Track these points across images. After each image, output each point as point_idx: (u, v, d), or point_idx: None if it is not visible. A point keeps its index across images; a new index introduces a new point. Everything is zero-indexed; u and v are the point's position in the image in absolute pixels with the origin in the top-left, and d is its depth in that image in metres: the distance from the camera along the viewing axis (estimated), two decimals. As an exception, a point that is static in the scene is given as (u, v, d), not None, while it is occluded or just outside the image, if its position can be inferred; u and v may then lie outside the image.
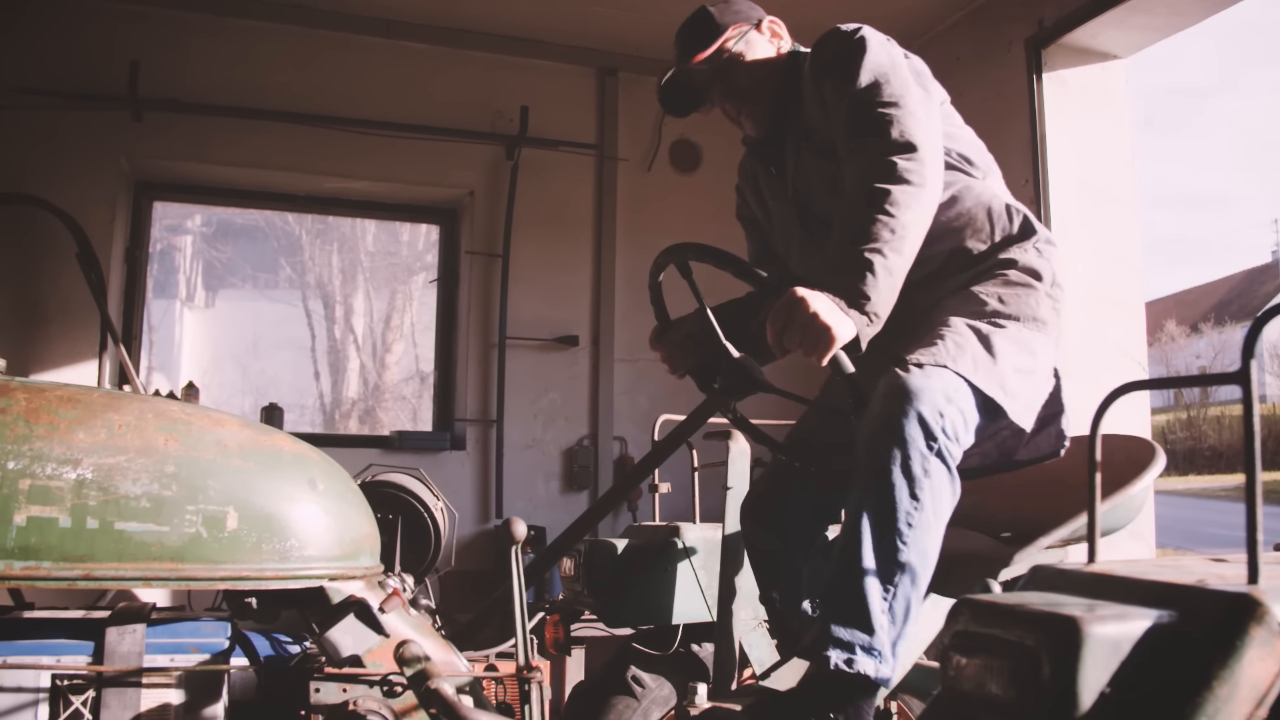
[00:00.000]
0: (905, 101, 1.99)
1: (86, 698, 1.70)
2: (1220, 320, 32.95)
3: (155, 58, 4.54)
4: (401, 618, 1.81)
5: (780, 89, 2.28)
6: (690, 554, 2.82)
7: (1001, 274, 2.10)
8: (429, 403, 5.62)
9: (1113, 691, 1.21)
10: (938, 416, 1.80)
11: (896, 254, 1.86)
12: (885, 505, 1.80)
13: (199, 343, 11.12)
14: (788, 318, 1.80)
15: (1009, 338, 2.00)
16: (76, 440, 1.61)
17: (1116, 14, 4.10)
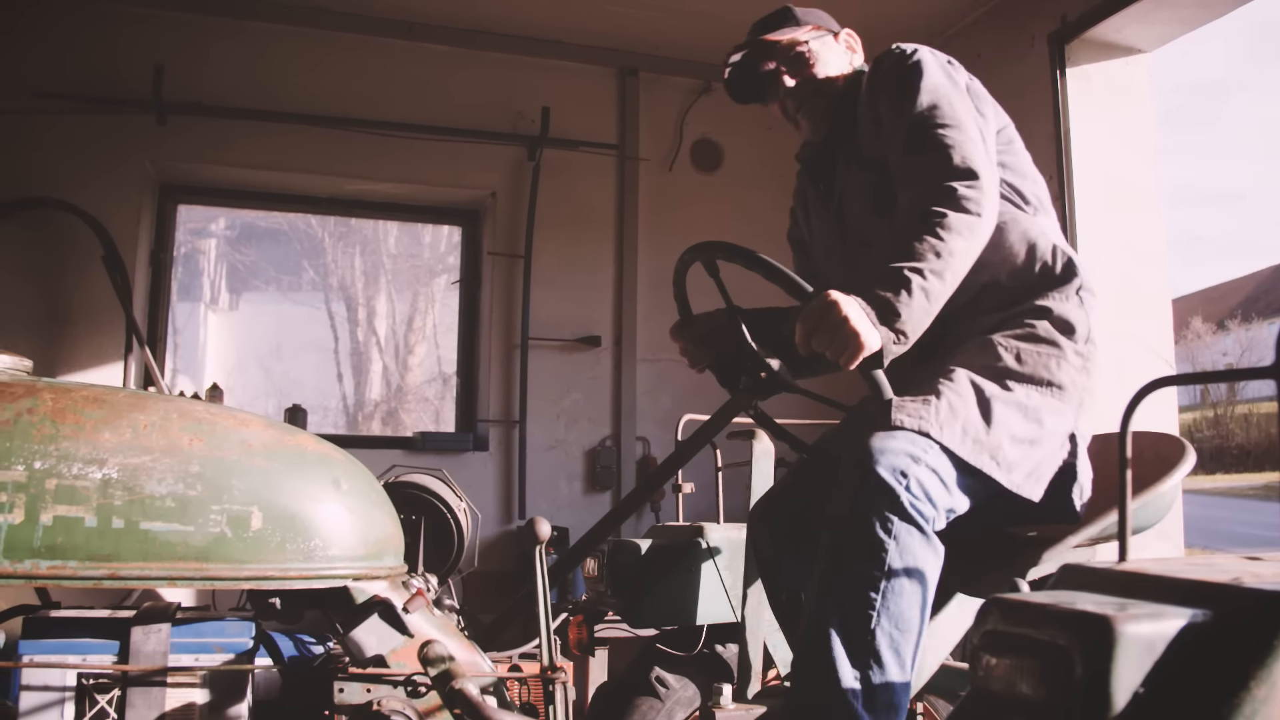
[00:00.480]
0: (965, 126, 1.96)
1: (112, 696, 1.71)
2: (1247, 317, 32.56)
3: (178, 61, 4.56)
4: (425, 618, 1.80)
5: (840, 102, 2.26)
6: (714, 554, 2.81)
7: (1029, 325, 2.02)
8: (451, 404, 5.63)
9: (1146, 692, 1.19)
10: (899, 477, 1.74)
11: (938, 278, 1.83)
12: (849, 577, 1.75)
13: (223, 345, 11.21)
14: (819, 320, 1.77)
15: (1013, 403, 1.92)
16: (102, 440, 1.61)
17: (1141, 7, 4.05)
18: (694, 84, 5.46)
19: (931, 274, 1.82)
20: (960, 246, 1.85)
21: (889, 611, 1.71)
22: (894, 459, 1.75)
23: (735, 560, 2.76)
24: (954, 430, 1.82)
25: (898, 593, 1.72)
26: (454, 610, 2.00)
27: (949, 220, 1.85)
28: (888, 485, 1.73)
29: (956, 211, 1.86)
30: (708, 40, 5.19)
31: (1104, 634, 1.20)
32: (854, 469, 1.78)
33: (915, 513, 1.74)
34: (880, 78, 2.12)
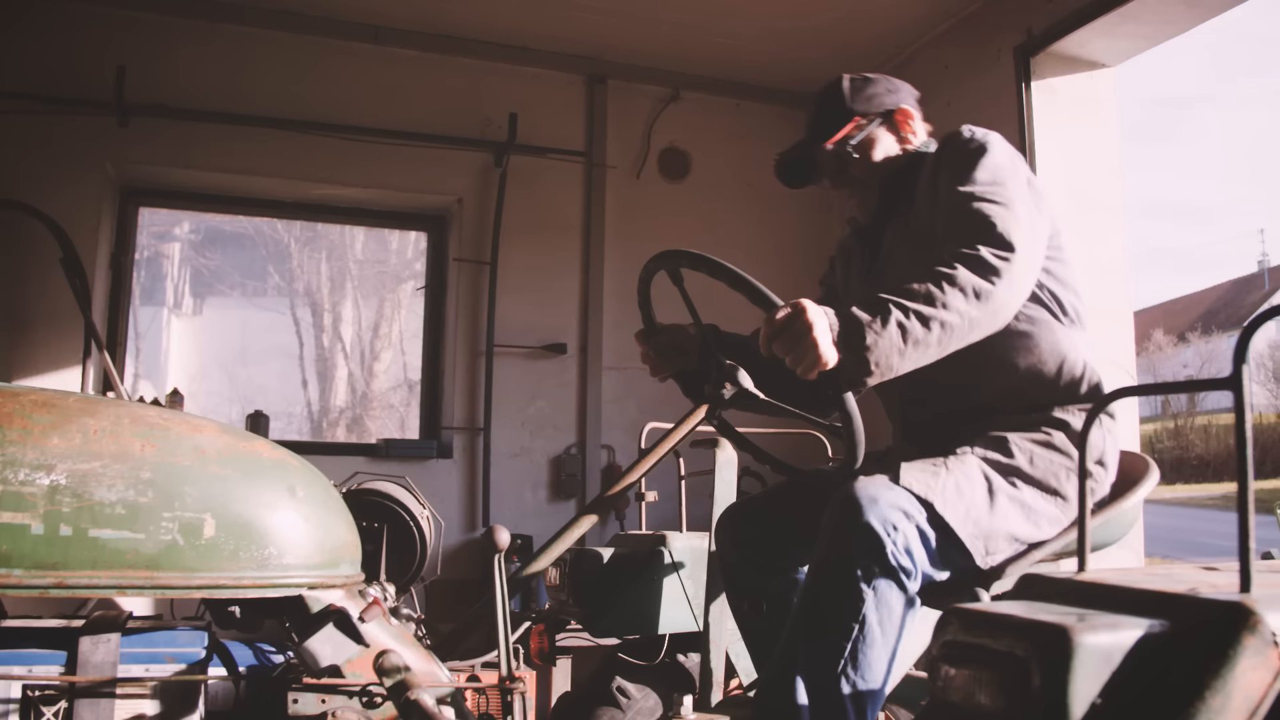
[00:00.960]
0: (1015, 207, 1.93)
1: (59, 708, 1.67)
2: (1207, 330, 33.08)
3: (141, 63, 4.49)
4: (382, 627, 1.78)
5: (894, 180, 2.26)
6: (677, 563, 2.80)
7: (1046, 433, 2.00)
8: (417, 411, 5.58)
9: (1104, 701, 1.20)
10: (889, 529, 1.73)
11: (921, 323, 1.77)
12: (824, 622, 1.75)
13: (186, 350, 11.08)
14: (785, 325, 1.76)
15: (1019, 502, 1.92)
16: (50, 445, 1.58)
17: (1106, 22, 4.09)
18: (662, 92, 5.47)
19: (916, 316, 1.77)
20: (960, 306, 1.80)
21: (856, 661, 1.71)
22: (885, 511, 1.75)
23: (698, 569, 2.75)
24: (958, 509, 1.82)
25: (869, 643, 1.72)
26: (411, 619, 1.97)
27: (959, 277, 1.81)
28: (875, 535, 1.73)
29: (973, 273, 1.82)
30: (677, 48, 5.21)
31: (1062, 644, 1.21)
32: (842, 513, 1.77)
33: (898, 567, 1.74)
34: (946, 156, 2.10)
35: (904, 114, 2.28)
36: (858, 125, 2.24)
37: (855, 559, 1.73)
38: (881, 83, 2.30)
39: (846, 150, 2.24)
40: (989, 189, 1.95)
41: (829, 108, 2.28)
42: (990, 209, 1.91)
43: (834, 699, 1.72)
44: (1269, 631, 1.18)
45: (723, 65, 5.41)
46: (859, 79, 2.30)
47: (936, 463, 1.90)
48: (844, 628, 1.73)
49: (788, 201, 5.69)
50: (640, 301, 2.33)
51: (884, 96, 2.28)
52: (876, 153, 2.26)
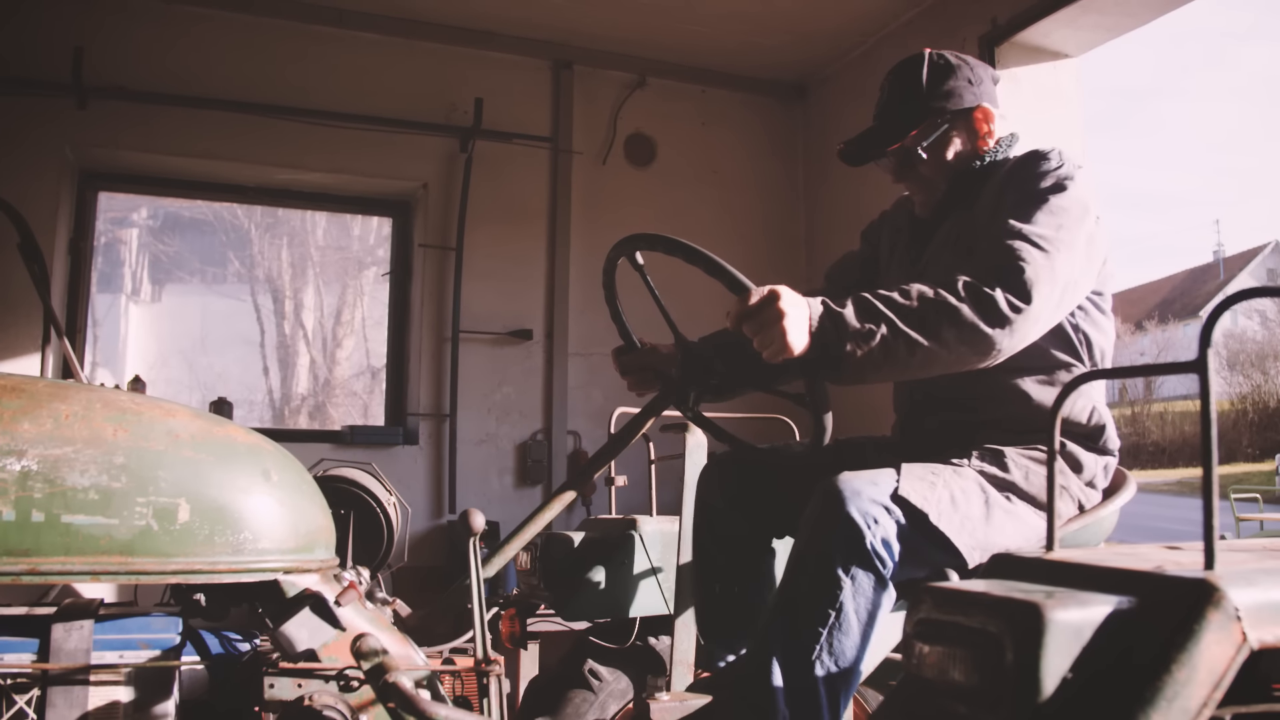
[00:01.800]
0: (1057, 257, 1.82)
1: (31, 697, 1.66)
2: (1164, 318, 33.66)
3: (100, 44, 4.42)
4: (358, 611, 1.78)
5: (960, 181, 2.15)
6: (647, 547, 2.81)
7: (1042, 450, 1.97)
8: (380, 398, 5.56)
9: (1074, 676, 1.22)
10: (869, 521, 1.74)
11: (905, 344, 1.74)
12: (801, 609, 1.76)
13: (145, 337, 10.92)
14: (759, 308, 1.74)
15: (1013, 515, 1.92)
16: (21, 431, 1.56)
17: (1068, 13, 4.15)
18: (628, 78, 5.46)
19: (904, 340, 1.74)
20: (952, 342, 1.75)
21: (832, 648, 1.73)
22: (866, 504, 1.75)
23: (668, 553, 2.77)
24: (953, 520, 1.82)
25: (845, 631, 1.74)
26: (386, 604, 1.97)
27: (963, 315, 1.75)
28: (855, 526, 1.74)
29: (977, 314, 1.76)
30: (643, 34, 5.20)
31: (1033, 621, 1.23)
32: (824, 503, 1.78)
33: (876, 559, 1.75)
34: (1021, 176, 2.00)
35: (984, 113, 2.14)
36: (931, 124, 2.11)
37: (835, 549, 1.74)
38: (964, 71, 2.14)
39: (916, 151, 2.11)
40: (1041, 232, 1.84)
41: (904, 96, 2.14)
42: (1029, 252, 1.81)
43: (809, 684, 1.74)
44: (1232, 607, 1.21)
45: (688, 51, 5.42)
46: (941, 64, 2.14)
47: (935, 471, 1.88)
48: (821, 615, 1.74)
49: (753, 188, 5.74)
50: (611, 313, 2.30)
51: (964, 92, 2.13)
52: (947, 153, 2.14)
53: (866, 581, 1.75)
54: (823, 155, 5.70)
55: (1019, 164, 2.05)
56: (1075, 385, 1.65)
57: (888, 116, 2.17)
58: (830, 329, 1.75)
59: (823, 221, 5.65)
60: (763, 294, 1.75)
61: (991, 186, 2.07)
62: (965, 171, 2.14)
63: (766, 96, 5.78)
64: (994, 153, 2.16)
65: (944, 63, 2.14)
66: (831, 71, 5.57)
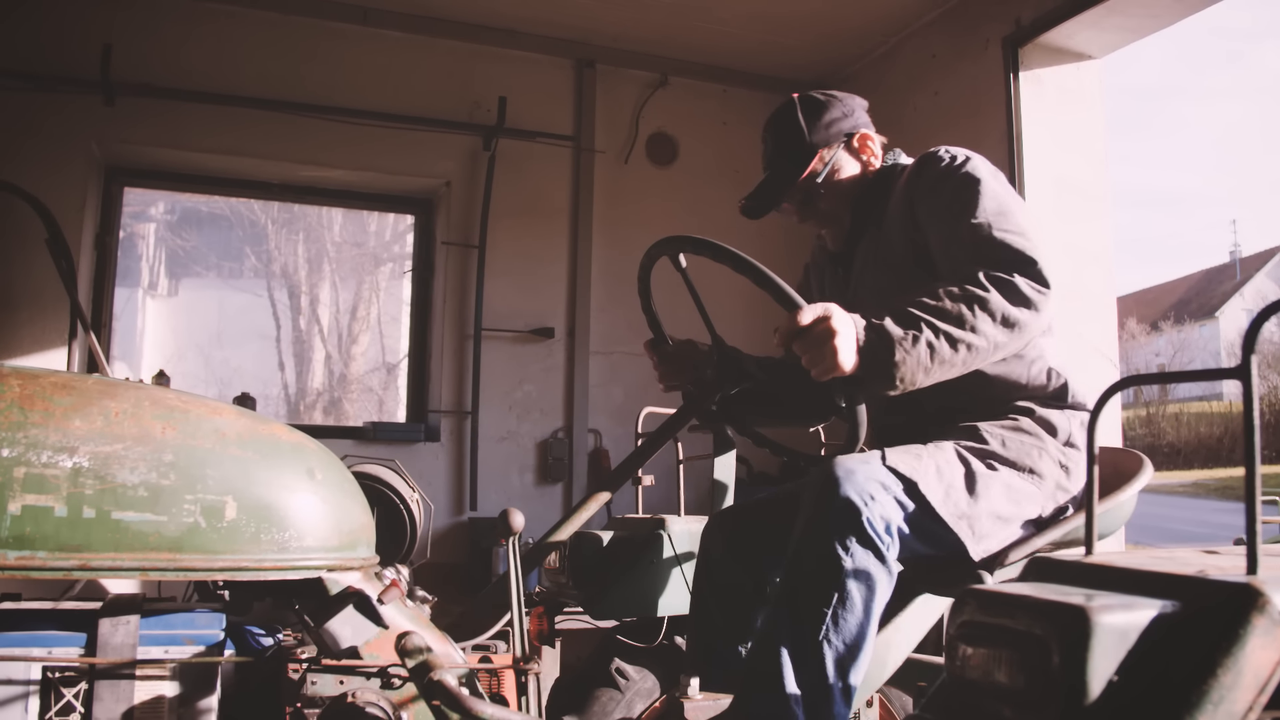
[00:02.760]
0: (1032, 236, 1.92)
1: (79, 690, 1.68)
2: (1179, 319, 33.53)
3: (128, 41, 4.45)
4: (399, 609, 1.79)
5: (862, 202, 2.24)
6: (675, 546, 2.82)
7: (1014, 419, 2.05)
8: (394, 394, 5.59)
9: (1120, 679, 1.23)
10: (866, 500, 1.76)
11: (949, 344, 1.80)
12: (804, 591, 1.78)
13: (162, 332, 10.98)
14: (810, 327, 1.77)
15: (998, 482, 1.95)
16: (72, 428, 1.58)
17: (1094, 14, 4.14)
18: (650, 77, 5.47)
19: (946, 337, 1.79)
20: (989, 330, 1.82)
21: (838, 628, 1.75)
22: (862, 483, 1.78)
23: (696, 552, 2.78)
24: (938, 490, 1.85)
25: (849, 610, 1.75)
26: (426, 601, 1.99)
27: (992, 302, 1.82)
28: (852, 505, 1.76)
29: (1006, 299, 1.83)
30: (665, 33, 5.21)
31: (1080, 624, 1.24)
32: (820, 486, 1.81)
33: (874, 535, 1.77)
34: (927, 182, 2.08)
35: (864, 138, 2.26)
36: (821, 160, 2.21)
37: (833, 529, 1.76)
38: (836, 106, 2.26)
39: (814, 185, 2.21)
40: (1000, 219, 1.94)
41: (789, 143, 2.23)
42: (1015, 240, 1.90)
43: (817, 666, 1.75)
44: (1276, 611, 1.22)
45: (710, 51, 5.42)
46: (811, 102, 2.25)
47: (918, 449, 1.94)
48: (824, 596, 1.76)
49: (774, 188, 5.73)
50: (644, 306, 2.32)
51: (841, 122, 2.24)
52: (841, 180, 2.24)
53: (866, 559, 1.76)
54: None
55: (917, 172, 2.13)
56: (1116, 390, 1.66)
57: (778, 164, 2.25)
58: (876, 342, 1.79)
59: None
60: (816, 313, 1.77)
61: (896, 199, 2.15)
62: (862, 194, 2.24)
63: (787, 95, 5.77)
64: (882, 168, 2.26)
65: (815, 101, 2.25)
66: (852, 71, 5.57)
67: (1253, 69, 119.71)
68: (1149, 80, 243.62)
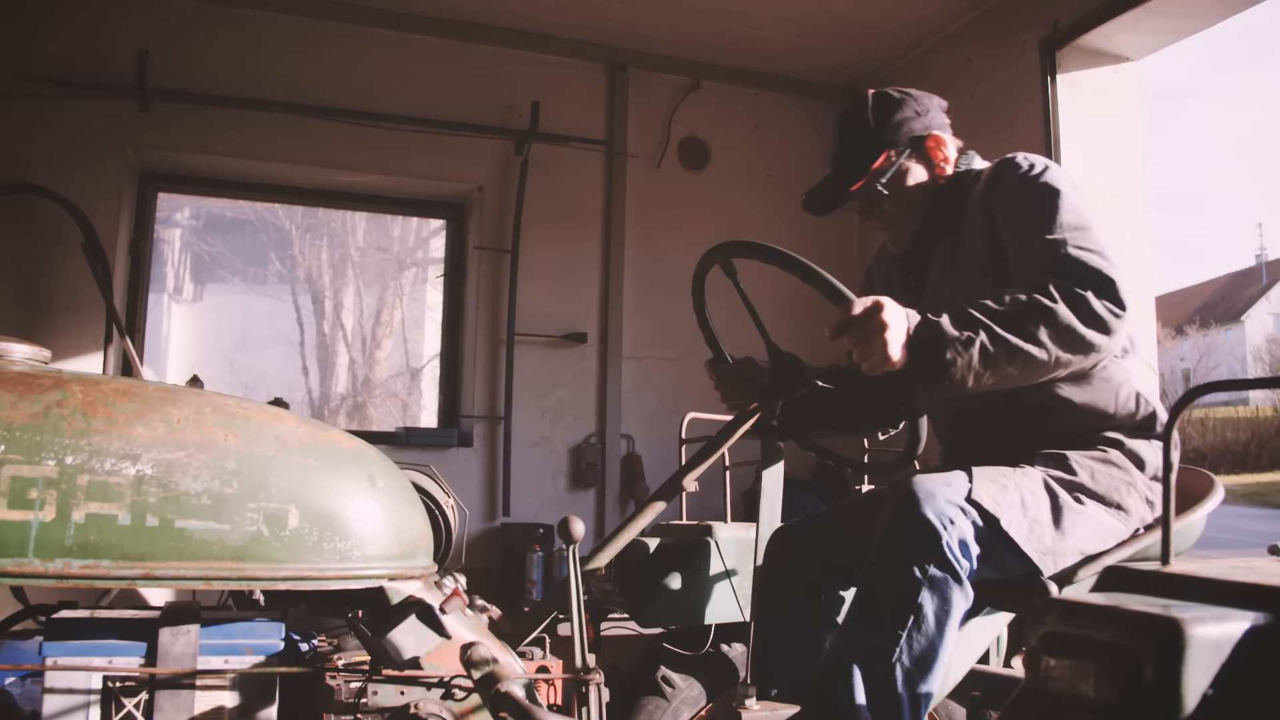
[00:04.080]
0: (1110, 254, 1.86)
1: (139, 700, 1.66)
2: (1205, 323, 33.25)
3: (163, 47, 4.46)
4: (459, 619, 1.77)
5: (936, 209, 2.18)
6: (722, 553, 2.80)
7: (1104, 451, 2.00)
8: (418, 399, 5.57)
9: (1215, 693, 1.20)
10: (945, 523, 1.73)
11: (1005, 351, 1.74)
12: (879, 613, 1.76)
13: (187, 336, 11.02)
14: (862, 319, 1.75)
15: (1086, 517, 1.90)
16: (135, 435, 1.57)
17: (1133, 16, 4.09)
18: (682, 81, 5.45)
19: (1002, 343, 1.74)
20: (1049, 345, 1.76)
21: (912, 652, 1.73)
22: (942, 505, 1.75)
23: (744, 559, 2.75)
24: (1022, 525, 1.81)
25: (924, 634, 1.73)
26: (485, 610, 1.97)
27: (1059, 315, 1.76)
28: (932, 528, 1.74)
29: (1076, 316, 1.76)
30: (697, 37, 5.19)
31: (1174, 636, 1.21)
32: (899, 506, 1.78)
33: (953, 559, 1.75)
34: (1005, 190, 2.03)
35: (935, 141, 2.20)
36: (887, 160, 2.16)
37: (911, 551, 1.74)
38: (909, 104, 2.20)
39: (875, 188, 2.16)
40: (1078, 235, 1.88)
41: (855, 138, 2.19)
42: (1093, 260, 1.83)
43: (889, 688, 1.73)
44: (1372, 624, 1.19)
45: (742, 55, 5.40)
46: (884, 99, 2.20)
47: (1005, 474, 1.89)
48: (900, 618, 1.74)
49: (805, 192, 5.70)
50: (695, 304, 2.29)
51: (912, 122, 2.18)
52: (908, 183, 2.18)
53: (944, 582, 1.74)
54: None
55: (996, 178, 2.06)
56: (1195, 396, 1.63)
57: (844, 160, 2.20)
58: (928, 338, 1.76)
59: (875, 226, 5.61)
60: (866, 305, 1.76)
61: (972, 206, 2.10)
62: (934, 200, 2.18)
63: (818, 99, 5.75)
64: (956, 174, 2.20)
65: (888, 99, 2.20)
66: (885, 75, 5.53)
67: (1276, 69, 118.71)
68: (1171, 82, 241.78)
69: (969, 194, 2.15)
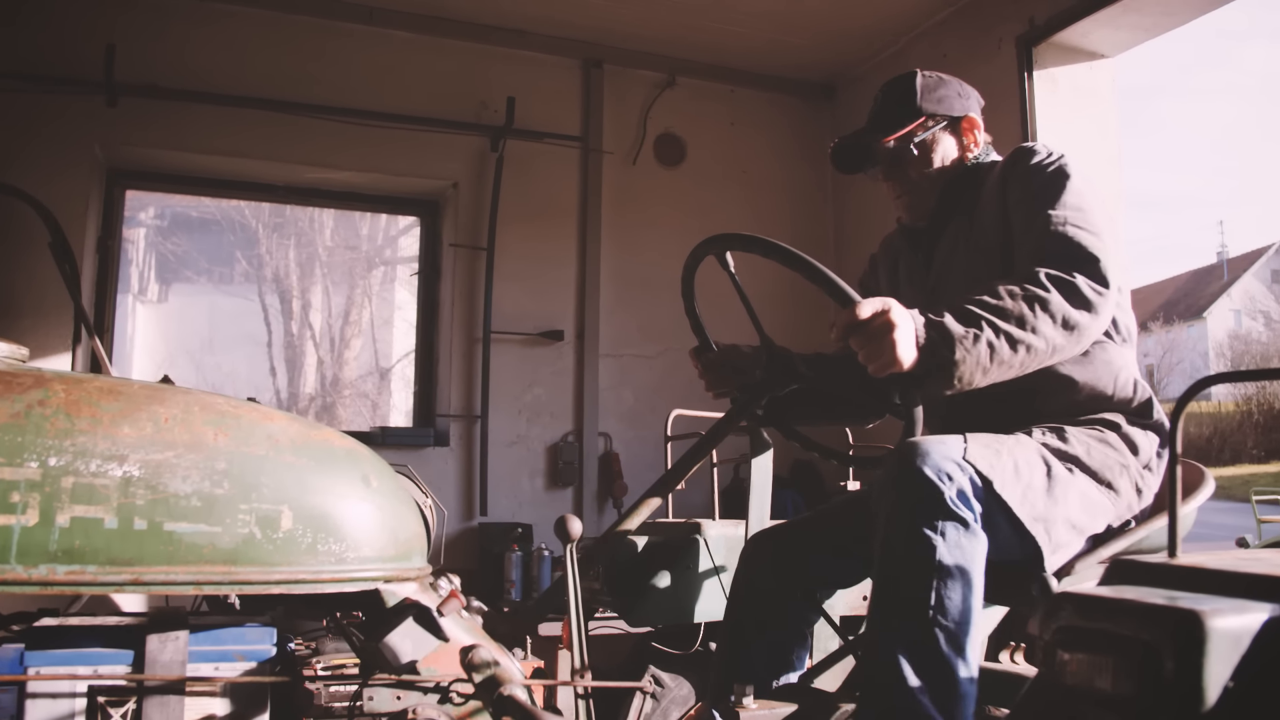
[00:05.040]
0: (1105, 238, 1.93)
1: (126, 710, 1.61)
2: (1168, 319, 33.73)
3: (131, 42, 4.35)
4: (455, 621, 1.73)
5: (952, 187, 2.24)
6: (711, 551, 2.77)
7: (1100, 430, 2.03)
8: (388, 398, 5.51)
9: (1235, 685, 1.19)
10: (944, 478, 1.73)
11: (1009, 345, 1.79)
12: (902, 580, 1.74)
13: (152, 336, 10.84)
14: (866, 320, 1.75)
15: (1077, 489, 1.92)
16: (121, 435, 1.52)
17: (1109, 13, 4.11)
18: (658, 77, 5.42)
19: (1006, 337, 1.78)
20: (1048, 332, 1.81)
21: (943, 608, 1.70)
22: (939, 461, 1.75)
23: (732, 557, 2.72)
24: (1015, 489, 1.82)
25: (950, 588, 1.71)
26: (482, 612, 1.93)
27: (1053, 303, 1.82)
28: (932, 483, 1.73)
29: (1067, 300, 1.83)
30: (672, 33, 5.16)
31: (1194, 628, 1.20)
32: (896, 467, 1.77)
33: (959, 508, 1.73)
34: (1018, 172, 2.09)
35: (971, 122, 2.27)
36: (923, 125, 2.23)
37: (916, 510, 1.73)
38: (954, 85, 2.29)
39: (908, 148, 2.22)
40: (1078, 215, 1.95)
41: (897, 100, 2.25)
42: (1085, 238, 1.91)
43: (931, 648, 1.70)
44: (1391, 614, 1.18)
45: (718, 51, 5.38)
46: (933, 78, 2.27)
47: (999, 440, 1.90)
48: (922, 578, 1.71)
49: (781, 190, 5.70)
50: (684, 291, 2.28)
51: (954, 100, 2.26)
52: (936, 156, 2.25)
53: (956, 533, 1.73)
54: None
55: (1012, 162, 2.13)
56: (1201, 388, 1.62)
57: (881, 118, 2.27)
58: (937, 339, 1.77)
59: (851, 224, 5.62)
60: (875, 307, 1.75)
61: (989, 189, 2.16)
62: (954, 179, 2.24)
63: (794, 97, 5.75)
64: (977, 159, 2.26)
65: (937, 77, 2.29)
66: (861, 72, 5.54)
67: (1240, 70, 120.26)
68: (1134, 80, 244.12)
69: (985, 179, 2.21)
